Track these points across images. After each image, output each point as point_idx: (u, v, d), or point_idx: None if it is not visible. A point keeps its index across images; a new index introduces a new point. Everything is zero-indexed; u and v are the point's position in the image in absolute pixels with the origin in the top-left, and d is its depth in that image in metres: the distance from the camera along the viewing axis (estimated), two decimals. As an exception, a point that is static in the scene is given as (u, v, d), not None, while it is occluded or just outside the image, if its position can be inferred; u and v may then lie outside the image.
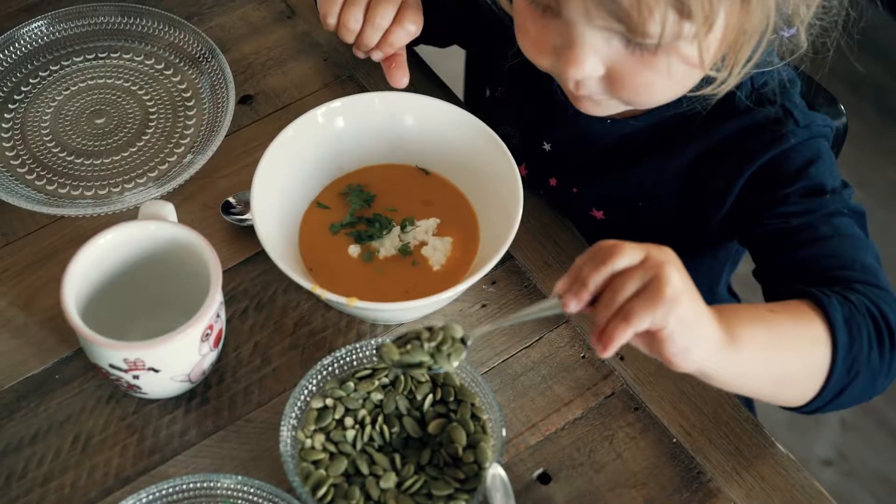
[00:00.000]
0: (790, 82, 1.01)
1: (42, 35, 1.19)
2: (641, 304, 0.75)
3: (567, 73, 0.90)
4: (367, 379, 0.93)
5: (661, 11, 0.82)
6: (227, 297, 1.02)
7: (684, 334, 0.76)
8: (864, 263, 0.92)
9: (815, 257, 0.93)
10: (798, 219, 0.95)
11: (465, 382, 0.93)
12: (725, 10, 0.85)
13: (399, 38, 1.05)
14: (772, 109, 0.99)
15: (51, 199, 1.08)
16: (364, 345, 0.93)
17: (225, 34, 1.22)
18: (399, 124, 1.06)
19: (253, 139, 1.13)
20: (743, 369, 0.82)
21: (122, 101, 1.16)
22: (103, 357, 0.90)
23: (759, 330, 0.83)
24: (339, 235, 1.04)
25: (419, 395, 0.92)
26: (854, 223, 0.95)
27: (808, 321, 0.86)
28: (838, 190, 0.97)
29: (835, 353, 0.85)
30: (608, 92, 0.93)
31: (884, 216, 2.16)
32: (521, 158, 1.14)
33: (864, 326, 0.87)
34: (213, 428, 0.95)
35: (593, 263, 0.77)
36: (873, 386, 0.89)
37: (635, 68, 0.89)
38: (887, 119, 2.30)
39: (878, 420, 1.93)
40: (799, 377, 0.87)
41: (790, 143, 0.97)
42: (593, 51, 0.88)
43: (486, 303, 1.03)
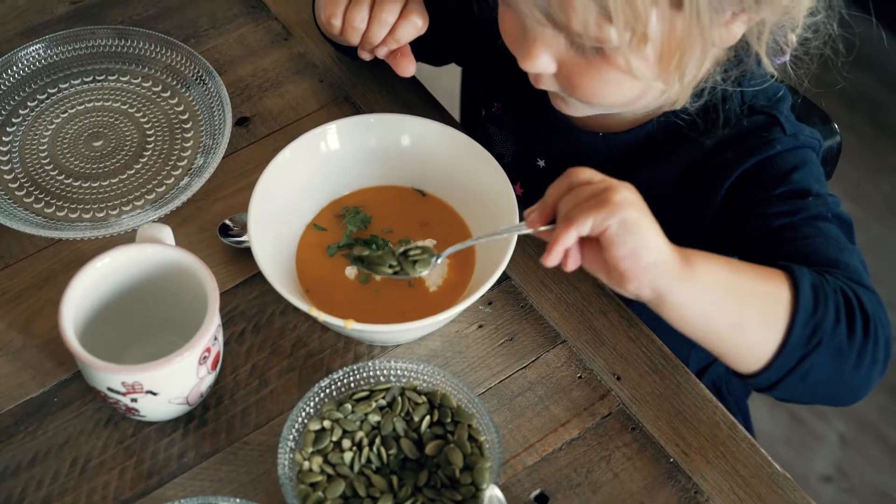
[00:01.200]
0: (781, 97, 1.02)
1: (40, 58, 1.20)
2: (586, 206, 0.79)
3: (523, 67, 0.93)
4: (365, 401, 0.93)
5: (582, 10, 0.84)
6: (225, 319, 1.03)
7: (629, 237, 0.79)
8: (849, 265, 0.91)
9: (798, 256, 0.92)
10: (780, 219, 0.95)
11: (462, 403, 0.93)
12: (660, 23, 0.86)
13: (406, 33, 1.03)
14: (760, 118, 1.00)
15: (49, 222, 1.08)
16: (361, 367, 0.93)
17: (221, 56, 1.22)
18: (395, 146, 1.07)
19: (250, 161, 1.14)
20: (698, 298, 0.82)
21: (120, 124, 1.17)
22: (101, 380, 0.90)
23: (719, 266, 0.83)
24: (336, 257, 1.04)
25: (416, 417, 0.93)
26: (839, 228, 0.95)
27: (773, 278, 0.85)
28: (823, 195, 0.97)
29: (795, 312, 0.84)
30: (564, 91, 0.95)
31: (879, 231, 2.17)
32: (516, 177, 1.14)
33: (832, 298, 0.85)
34: (211, 450, 0.96)
35: (557, 185, 0.83)
36: (840, 369, 0.86)
37: (579, 69, 0.91)
38: (882, 133, 2.31)
39: (877, 436, 1.93)
40: (755, 326, 0.85)
41: (776, 150, 0.98)
42: (545, 45, 0.91)
43: (483, 323, 1.03)
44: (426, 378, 0.94)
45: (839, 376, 0.88)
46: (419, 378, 0.94)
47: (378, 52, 1.06)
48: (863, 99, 2.33)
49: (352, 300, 1.01)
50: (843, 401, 0.92)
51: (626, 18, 0.84)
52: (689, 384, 0.99)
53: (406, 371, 0.94)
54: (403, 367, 0.94)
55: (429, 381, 0.94)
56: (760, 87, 1.00)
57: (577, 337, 1.02)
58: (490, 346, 1.02)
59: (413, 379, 0.94)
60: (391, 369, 0.94)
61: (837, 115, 1.08)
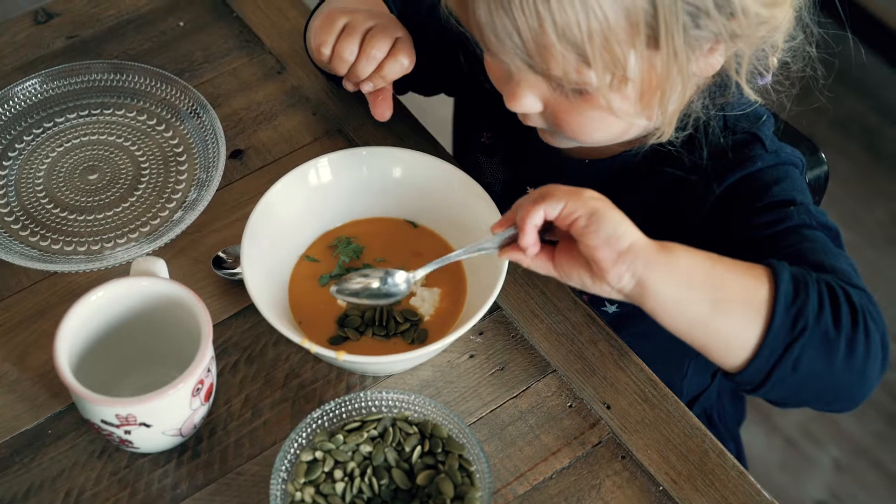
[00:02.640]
0: (763, 120, 1.03)
1: (36, 93, 1.21)
2: (557, 190, 0.82)
3: (509, 106, 0.95)
4: (356, 431, 0.94)
5: (560, 57, 0.86)
6: (219, 351, 1.03)
7: (601, 225, 0.82)
8: (836, 268, 0.91)
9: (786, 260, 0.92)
10: (765, 230, 0.95)
11: (452, 433, 0.94)
12: (638, 64, 0.88)
13: (392, 71, 1.05)
14: (743, 136, 1.01)
15: (44, 255, 1.10)
16: (353, 397, 0.94)
17: (216, 90, 1.24)
18: (386, 178, 1.08)
19: (244, 193, 1.15)
20: (679, 282, 0.83)
21: (115, 157, 1.18)
22: (95, 413, 0.91)
23: (697, 252, 0.85)
24: (329, 287, 1.05)
25: (407, 447, 0.93)
26: (825, 236, 0.95)
27: (753, 268, 0.86)
28: (807, 204, 0.97)
29: (775, 298, 0.84)
30: (551, 128, 0.97)
31: (873, 256, 2.18)
32: (506, 206, 1.15)
33: (813, 287, 0.85)
34: (204, 481, 0.96)
35: (528, 196, 0.85)
36: (831, 358, 0.85)
37: (564, 107, 0.93)
38: (875, 159, 2.33)
39: (872, 461, 1.94)
40: (737, 312, 0.85)
41: (757, 166, 0.99)
42: (529, 87, 0.93)
43: (474, 353, 1.04)
44: (417, 408, 0.95)
45: (831, 369, 0.86)
46: (410, 408, 0.95)
47: (363, 86, 1.07)
48: (855, 125, 2.34)
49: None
50: (841, 400, 0.89)
51: (604, 63, 0.86)
52: (678, 412, 1.00)
53: (397, 402, 0.95)
54: (395, 397, 0.94)
55: (420, 411, 0.95)
56: (743, 112, 1.02)
57: (568, 366, 1.03)
58: (481, 375, 1.03)
59: (404, 409, 0.95)
60: (382, 400, 0.95)
61: (830, 141, 1.09)
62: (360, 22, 1.05)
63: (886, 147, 2.35)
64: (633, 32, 0.85)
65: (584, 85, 0.88)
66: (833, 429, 1.96)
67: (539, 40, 0.85)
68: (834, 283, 0.87)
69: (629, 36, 0.85)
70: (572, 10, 0.83)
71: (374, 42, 1.04)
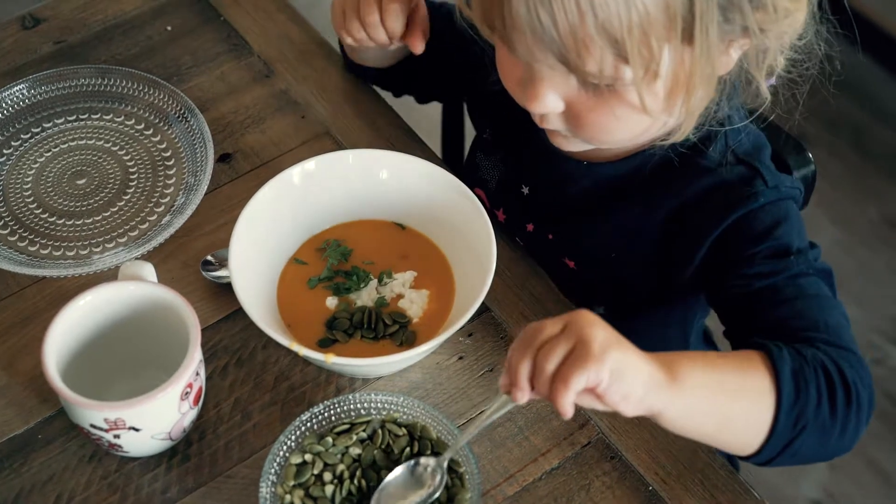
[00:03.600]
0: (761, 146, 1.03)
1: (23, 98, 1.21)
2: (573, 366, 0.78)
3: (529, 108, 0.93)
4: (346, 433, 0.94)
5: (598, 52, 0.85)
6: (208, 354, 1.04)
7: (622, 384, 0.79)
8: (829, 323, 0.93)
9: (780, 320, 0.94)
10: (762, 281, 0.96)
11: (441, 435, 0.94)
12: (670, 59, 0.88)
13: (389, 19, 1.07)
14: (743, 169, 1.01)
15: (32, 259, 1.10)
16: (341, 400, 0.94)
17: (204, 94, 1.24)
18: (374, 181, 1.08)
19: (232, 197, 1.15)
20: (688, 407, 0.84)
21: (103, 162, 1.18)
22: (84, 417, 0.91)
23: (703, 372, 0.85)
24: (317, 289, 1.05)
25: (396, 449, 0.93)
26: (820, 282, 0.96)
27: (754, 371, 0.87)
28: (804, 251, 0.98)
29: (779, 404, 0.86)
30: (569, 129, 0.96)
31: (865, 255, 2.18)
32: (500, 203, 1.16)
33: (812, 381, 0.87)
34: (194, 485, 0.96)
35: (520, 350, 0.81)
36: (825, 442, 0.89)
37: (589, 106, 0.92)
38: (865, 158, 2.33)
39: (867, 460, 1.94)
40: (742, 424, 0.87)
41: (759, 203, 0.99)
42: (552, 86, 0.91)
43: (464, 355, 1.04)
44: (406, 410, 0.95)
45: (825, 447, 0.90)
46: (399, 410, 0.95)
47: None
48: (846, 124, 2.35)
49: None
50: (830, 458, 0.93)
51: (641, 58, 0.86)
52: (667, 412, 1.00)
53: (386, 404, 0.95)
54: (383, 399, 0.95)
55: (408, 413, 0.95)
56: (744, 132, 1.02)
57: (557, 367, 1.03)
58: (470, 377, 1.03)
59: (393, 411, 0.95)
60: (371, 402, 0.95)
61: (821, 141, 1.09)
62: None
63: (877, 147, 2.35)
64: (670, 26, 0.85)
65: (617, 80, 0.88)
66: (826, 428, 1.96)
67: (578, 35, 0.84)
68: (829, 362, 0.89)
69: (666, 30, 0.85)
70: (614, 4, 0.83)
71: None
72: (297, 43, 1.29)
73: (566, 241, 1.11)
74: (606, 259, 1.09)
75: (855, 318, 0.96)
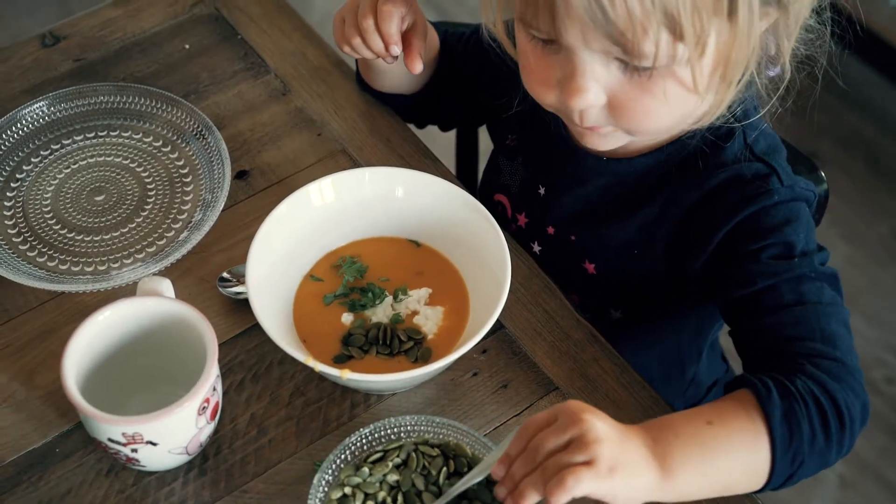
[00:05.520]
0: (777, 147, 1.05)
1: (43, 115, 1.23)
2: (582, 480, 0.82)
3: (571, 104, 0.93)
4: (381, 462, 0.94)
5: (655, 31, 0.87)
6: (225, 369, 1.05)
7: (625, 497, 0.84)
8: (826, 332, 0.94)
9: (777, 325, 0.96)
10: (765, 280, 0.97)
11: (475, 451, 0.94)
12: (715, 33, 0.89)
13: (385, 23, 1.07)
14: (760, 165, 1.02)
15: (51, 275, 1.11)
16: (372, 429, 0.94)
17: (221, 111, 1.25)
18: (390, 198, 1.09)
19: (249, 213, 1.16)
20: (684, 491, 0.88)
21: (121, 178, 1.20)
22: (102, 431, 0.92)
23: (695, 451, 0.87)
24: (333, 306, 1.06)
25: (433, 471, 0.94)
26: (824, 286, 0.97)
27: (744, 427, 0.89)
28: (809, 253, 0.99)
29: (773, 451, 0.89)
30: (611, 121, 0.96)
31: (876, 272, 2.18)
32: (521, 207, 1.17)
33: (804, 417, 0.89)
34: (210, 499, 0.97)
35: (525, 464, 0.85)
36: (824, 463, 0.91)
37: (635, 94, 0.93)
38: (876, 175, 2.34)
39: (876, 476, 1.94)
40: (740, 480, 0.90)
41: (773, 200, 1.00)
42: (594, 79, 0.92)
43: (478, 371, 1.05)
44: (436, 430, 0.95)
45: (825, 465, 0.92)
46: (429, 431, 0.95)
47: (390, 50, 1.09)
48: (857, 141, 2.35)
49: (348, 350, 1.03)
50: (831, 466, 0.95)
51: (695, 34, 0.87)
52: (680, 429, 1.00)
53: (416, 425, 0.95)
54: (413, 421, 0.95)
55: (439, 432, 0.95)
56: (760, 130, 1.03)
57: (570, 384, 1.04)
58: (485, 393, 1.03)
59: (424, 433, 0.95)
60: (402, 426, 0.95)
61: (831, 158, 1.10)
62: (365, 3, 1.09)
63: (888, 163, 2.36)
64: (717, 1, 0.87)
65: (670, 59, 0.89)
66: (837, 445, 1.96)
67: (635, 14, 0.86)
68: (819, 392, 0.90)
69: (714, 2, 0.87)
70: None
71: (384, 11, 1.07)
72: (313, 61, 1.30)
73: (587, 242, 1.12)
74: (627, 257, 1.10)
75: (865, 335, 0.96)
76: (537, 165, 1.15)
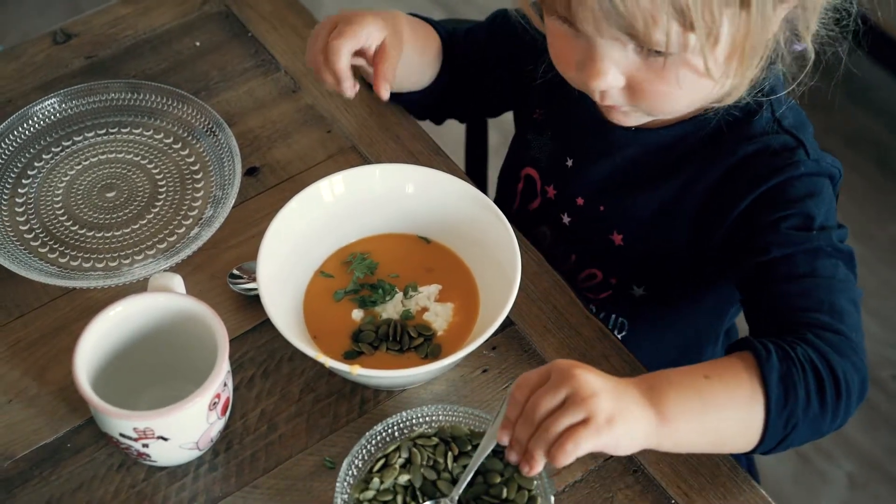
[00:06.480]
0: (805, 122, 1.06)
1: (55, 112, 1.23)
2: (582, 439, 0.84)
3: (590, 85, 0.96)
4: (387, 468, 0.94)
5: (665, 23, 0.89)
6: (235, 365, 1.05)
7: (625, 445, 0.86)
8: (834, 306, 0.95)
9: (787, 295, 0.97)
10: (781, 249, 0.98)
11: (472, 426, 0.95)
12: (729, 22, 0.91)
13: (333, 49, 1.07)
14: (788, 138, 1.04)
15: (63, 271, 1.11)
16: (365, 441, 0.94)
17: (231, 108, 1.25)
18: (400, 195, 1.09)
19: (259, 210, 1.16)
20: (681, 438, 0.89)
21: (132, 175, 1.20)
22: (114, 426, 0.93)
23: (692, 400, 0.88)
24: (343, 302, 1.06)
25: (440, 459, 0.94)
26: (839, 263, 0.98)
27: (741, 383, 0.90)
28: (828, 228, 1.00)
29: (768, 410, 0.89)
30: (630, 102, 0.99)
31: (886, 272, 2.18)
32: (549, 179, 1.17)
33: (801, 381, 0.90)
34: (220, 494, 0.97)
35: (525, 427, 0.86)
36: (817, 430, 0.92)
37: (650, 77, 0.95)
38: (888, 175, 2.33)
39: (885, 475, 1.94)
40: (734, 436, 0.91)
41: (799, 172, 1.01)
42: (612, 62, 0.95)
43: (488, 368, 1.05)
44: (428, 419, 0.96)
45: (818, 433, 0.93)
46: (421, 423, 0.96)
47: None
48: (868, 142, 2.35)
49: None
50: (824, 436, 0.96)
51: (705, 25, 0.89)
52: (689, 426, 1.01)
53: (407, 421, 0.95)
54: (404, 418, 0.95)
55: (431, 420, 0.96)
56: (787, 105, 1.04)
57: (580, 380, 1.04)
58: (494, 390, 1.04)
59: (416, 426, 0.96)
60: (394, 426, 0.95)
61: (842, 158, 1.09)
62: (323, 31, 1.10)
63: (899, 163, 2.36)
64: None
65: (682, 48, 0.91)
66: (845, 443, 1.96)
67: (645, 6, 0.88)
68: (818, 358, 0.91)
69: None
70: None
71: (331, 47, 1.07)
72: (324, 58, 1.30)
73: (616, 212, 1.13)
74: (654, 228, 1.11)
75: (875, 335, 0.96)
76: (565, 138, 1.17)
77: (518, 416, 0.87)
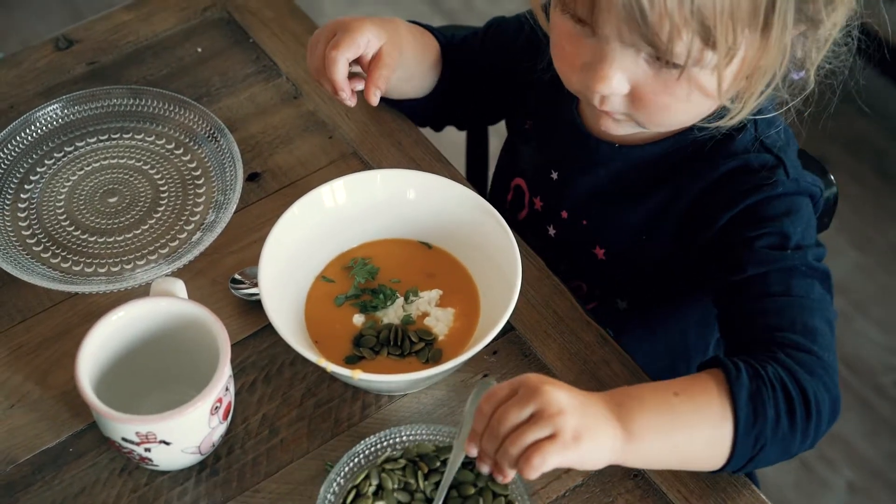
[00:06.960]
0: (788, 141, 1.06)
1: (57, 118, 1.24)
2: (548, 454, 0.83)
3: (595, 88, 0.96)
4: (360, 497, 0.94)
5: (688, 37, 0.89)
6: (237, 370, 1.05)
7: (591, 461, 0.86)
8: (807, 325, 0.95)
9: (760, 313, 0.97)
10: (755, 268, 0.98)
11: (438, 441, 0.96)
12: (746, 44, 0.92)
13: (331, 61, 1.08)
14: (769, 157, 1.04)
15: (65, 276, 1.11)
16: (332, 478, 0.94)
17: (233, 114, 1.26)
18: (401, 200, 1.10)
19: (260, 215, 1.17)
20: (647, 456, 0.89)
21: (134, 180, 1.20)
22: (116, 430, 0.93)
23: (659, 417, 0.89)
24: (344, 307, 1.07)
25: (411, 480, 0.95)
26: (814, 282, 0.98)
27: (710, 401, 0.90)
28: (804, 248, 1.00)
29: (736, 429, 0.89)
30: (629, 110, 0.99)
31: (885, 279, 2.18)
32: (536, 191, 1.18)
33: (770, 401, 0.90)
34: (222, 499, 0.98)
35: (491, 440, 0.86)
36: (786, 451, 0.92)
37: (657, 89, 0.95)
38: (886, 182, 2.34)
39: (886, 483, 1.94)
40: (702, 454, 0.91)
41: (777, 191, 1.01)
42: (621, 69, 0.95)
43: (488, 372, 1.05)
44: (390, 442, 0.96)
45: (788, 454, 0.93)
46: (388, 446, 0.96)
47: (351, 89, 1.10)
48: (867, 148, 2.35)
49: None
50: (793, 457, 0.96)
51: (727, 44, 0.90)
52: (690, 431, 1.01)
53: (372, 448, 0.96)
54: (369, 444, 0.96)
55: (397, 443, 0.96)
56: (775, 127, 1.04)
57: (581, 386, 1.02)
58: (495, 394, 1.04)
59: (381, 452, 0.96)
60: (360, 454, 0.96)
61: (841, 164, 1.10)
62: (322, 37, 1.11)
63: (898, 169, 2.36)
64: (753, 14, 0.89)
65: (698, 63, 0.92)
66: (846, 450, 1.96)
67: (673, 19, 0.88)
68: (788, 378, 0.91)
69: (749, 17, 0.89)
70: None
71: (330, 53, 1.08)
72: (325, 65, 1.31)
73: (599, 226, 1.14)
74: (636, 242, 1.11)
75: (875, 341, 0.96)
76: (550, 151, 1.17)
77: (484, 428, 0.87)
